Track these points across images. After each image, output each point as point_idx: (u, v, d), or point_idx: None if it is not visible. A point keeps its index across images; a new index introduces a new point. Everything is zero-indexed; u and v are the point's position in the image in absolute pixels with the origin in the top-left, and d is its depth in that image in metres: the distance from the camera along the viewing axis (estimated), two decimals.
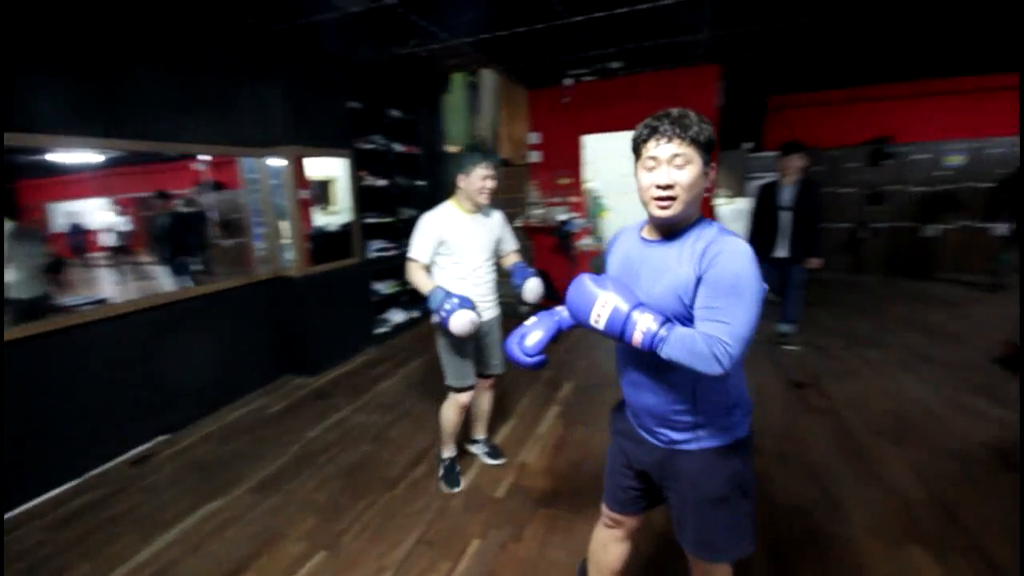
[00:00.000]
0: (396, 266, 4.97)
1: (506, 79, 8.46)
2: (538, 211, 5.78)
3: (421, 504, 2.38)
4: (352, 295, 4.45)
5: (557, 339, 1.46)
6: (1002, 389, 3.24)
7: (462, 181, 2.24)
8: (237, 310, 3.63)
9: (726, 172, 6.32)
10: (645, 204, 1.20)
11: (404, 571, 1.97)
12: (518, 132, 9.09)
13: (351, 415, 3.33)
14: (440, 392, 3.57)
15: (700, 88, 5.04)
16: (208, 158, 3.55)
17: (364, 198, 4.54)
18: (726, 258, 1.11)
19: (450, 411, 2.46)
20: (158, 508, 2.43)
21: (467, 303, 2.08)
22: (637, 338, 1.12)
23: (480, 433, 2.73)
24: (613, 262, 1.36)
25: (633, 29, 3.79)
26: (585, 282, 1.20)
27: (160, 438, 3.07)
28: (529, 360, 1.38)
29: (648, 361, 1.23)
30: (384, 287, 4.87)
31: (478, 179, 2.20)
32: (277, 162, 3.73)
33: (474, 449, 2.76)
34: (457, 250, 2.27)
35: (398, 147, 5.01)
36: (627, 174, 6.68)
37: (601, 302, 1.15)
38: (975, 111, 6.55)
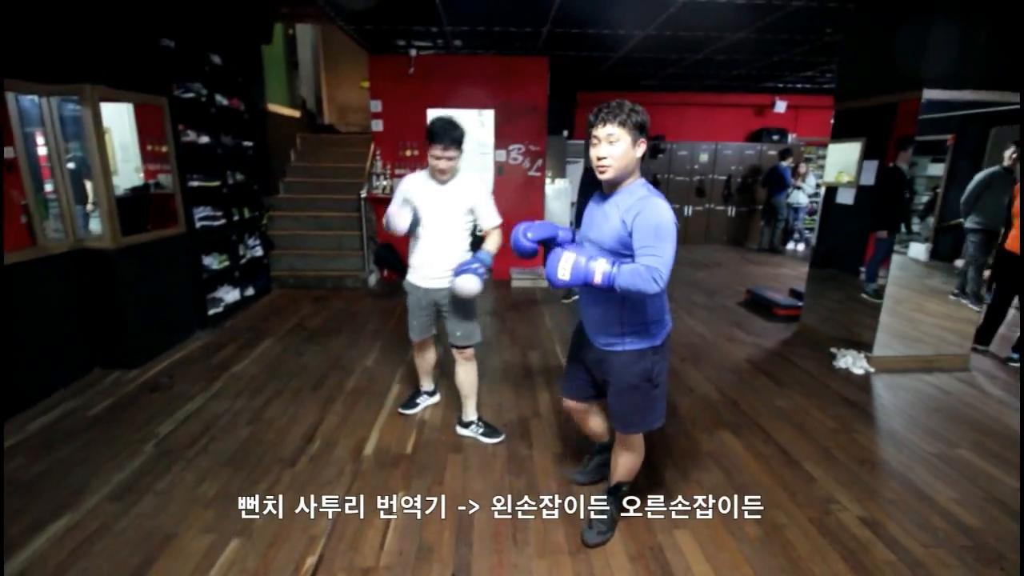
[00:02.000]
0: (225, 238, 4.42)
1: (333, 38, 7.85)
2: (383, 182, 5.67)
3: (331, 473, 2.35)
4: (179, 271, 3.81)
5: (552, 244, 1.82)
6: (748, 323, 4.58)
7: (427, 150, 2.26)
8: (20, 295, 2.82)
9: (551, 156, 7.08)
10: (594, 169, 1.64)
11: (339, 534, 1.98)
12: (344, 97, 8.58)
13: (208, 403, 2.96)
14: (312, 367, 3.44)
15: (535, 76, 5.58)
16: None
17: (186, 157, 3.87)
18: (648, 212, 1.53)
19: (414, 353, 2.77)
20: None
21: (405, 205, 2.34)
22: (598, 278, 1.50)
23: (469, 414, 2.65)
24: (585, 215, 1.81)
25: (490, 13, 4.02)
26: (553, 251, 1.58)
27: None
28: (527, 244, 1.81)
29: (595, 295, 1.72)
30: (213, 262, 4.26)
31: (431, 156, 2.23)
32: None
33: (467, 432, 2.65)
34: (420, 213, 2.34)
35: (221, 100, 4.36)
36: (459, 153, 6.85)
37: (564, 261, 1.52)
38: (716, 121, 8.63)
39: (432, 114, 6.05)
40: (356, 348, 3.84)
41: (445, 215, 2.33)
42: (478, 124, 8.06)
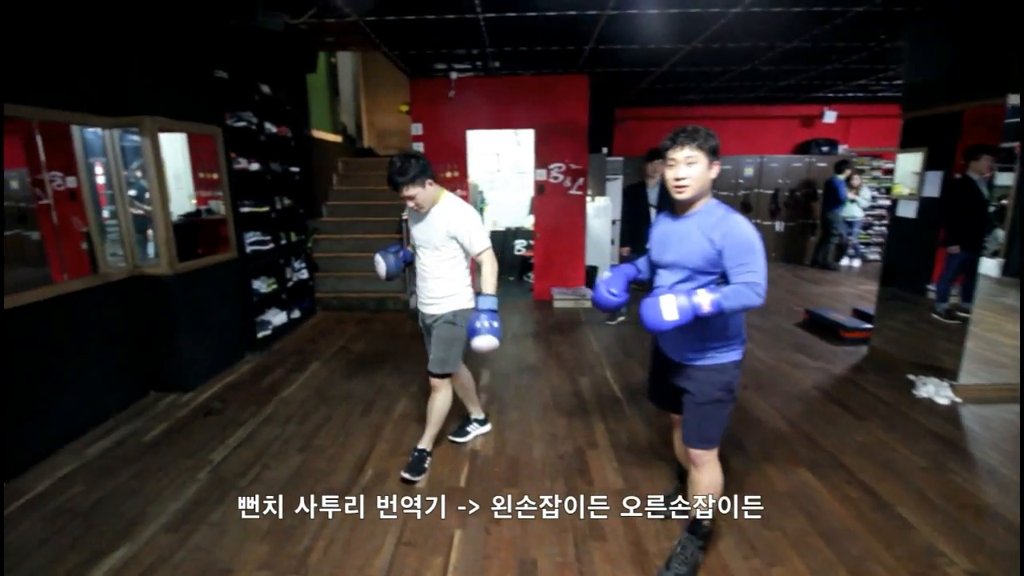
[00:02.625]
0: (273, 262, 4.49)
1: (372, 65, 8.06)
2: None
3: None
4: (230, 295, 3.86)
5: (632, 285, 1.97)
6: (811, 347, 4.30)
7: None
8: (82, 321, 2.89)
9: (590, 174, 6.99)
10: (669, 190, 1.67)
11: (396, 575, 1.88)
12: (382, 121, 8.76)
13: (260, 429, 2.94)
14: (359, 392, 3.40)
15: (575, 94, 5.52)
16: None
17: (237, 184, 3.96)
18: (736, 230, 1.59)
19: None
20: (35, 573, 1.87)
21: (387, 252, 2.51)
22: (707, 308, 1.55)
23: (420, 442, 2.58)
24: (654, 238, 1.83)
25: (533, 33, 4.00)
26: (648, 302, 1.61)
27: None
28: (615, 300, 1.87)
29: None
30: (262, 285, 4.32)
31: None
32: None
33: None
34: (413, 240, 2.48)
35: (270, 127, 4.47)
36: (493, 171, 6.99)
37: (666, 304, 1.57)
38: (760, 134, 8.37)
39: (472, 136, 6.11)
40: (400, 373, 3.78)
41: (428, 243, 2.38)
42: (514, 144, 8.09)
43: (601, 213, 6.54)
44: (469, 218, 2.33)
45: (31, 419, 2.56)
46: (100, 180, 3.17)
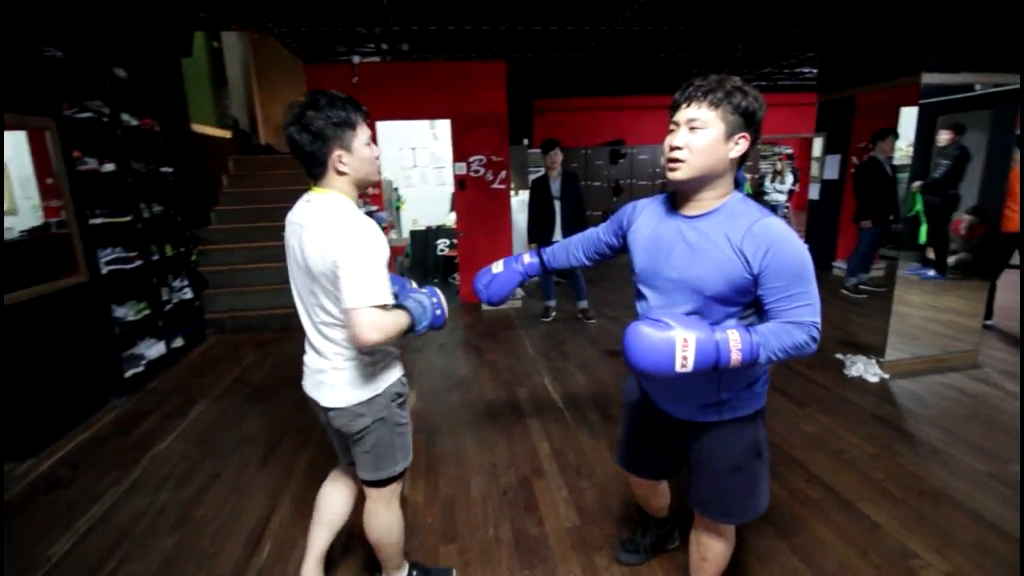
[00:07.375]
0: (142, 282, 3.73)
1: (265, 51, 7.20)
2: None
3: None
4: (82, 328, 3.10)
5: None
6: None
7: (348, 154, 1.29)
8: None
9: (512, 167, 6.68)
10: (664, 167, 1.21)
11: None
12: (281, 115, 7.89)
13: (122, 502, 2.31)
14: (258, 435, 2.82)
15: (493, 81, 5.16)
16: None
17: (84, 189, 3.19)
18: (782, 247, 1.09)
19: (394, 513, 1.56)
20: None
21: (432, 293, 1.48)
22: (736, 357, 1.05)
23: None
24: (639, 240, 1.29)
25: (440, 7, 3.58)
26: (644, 331, 1.06)
27: None
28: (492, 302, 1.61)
29: None
30: (128, 312, 3.56)
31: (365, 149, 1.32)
32: None
33: None
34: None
35: (129, 119, 3.69)
36: (409, 167, 6.50)
37: (680, 345, 1.03)
38: None
39: (382, 128, 5.55)
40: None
41: (300, 279, 1.38)
42: (431, 137, 7.61)
43: (524, 208, 6.25)
44: (353, 243, 1.27)
45: None
46: None
